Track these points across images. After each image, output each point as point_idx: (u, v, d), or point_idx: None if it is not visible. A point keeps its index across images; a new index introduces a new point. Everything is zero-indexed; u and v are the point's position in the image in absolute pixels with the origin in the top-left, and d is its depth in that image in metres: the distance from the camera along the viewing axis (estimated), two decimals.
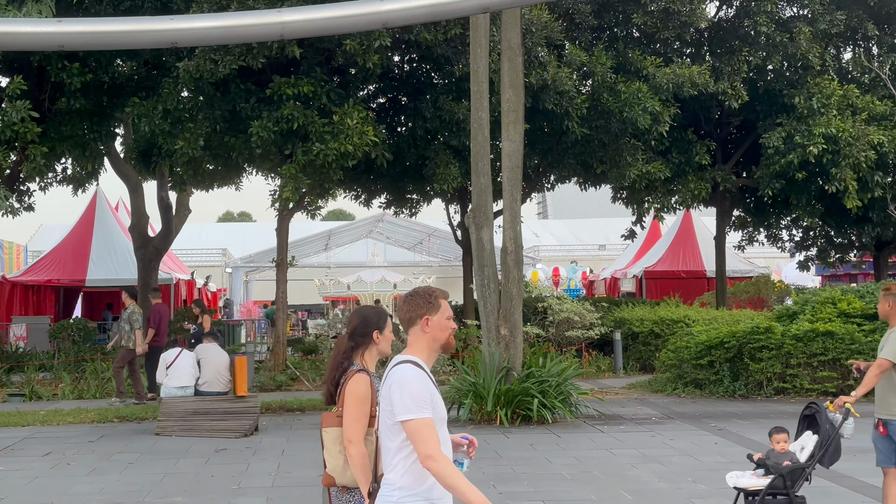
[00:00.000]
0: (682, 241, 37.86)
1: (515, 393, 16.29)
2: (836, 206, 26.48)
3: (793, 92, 24.92)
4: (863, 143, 23.96)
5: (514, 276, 17.21)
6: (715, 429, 15.45)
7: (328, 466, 5.54)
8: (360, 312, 5.76)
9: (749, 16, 24.77)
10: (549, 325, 24.59)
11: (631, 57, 23.73)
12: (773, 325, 19.44)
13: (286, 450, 14.21)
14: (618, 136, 23.78)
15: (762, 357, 19.22)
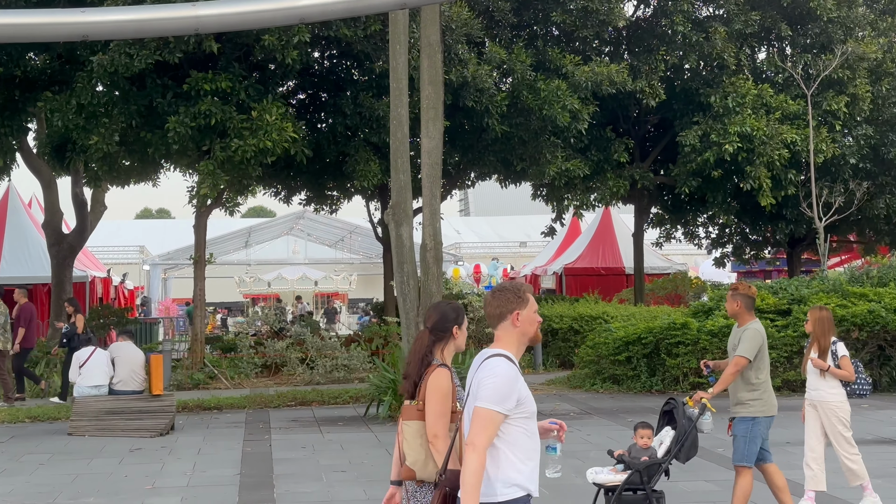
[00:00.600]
0: (601, 238, 38.21)
1: None
2: (751, 204, 26.92)
3: (709, 91, 25.29)
4: (776, 142, 24.40)
5: (433, 273, 17.20)
6: (632, 424, 15.58)
7: (408, 460, 5.50)
8: (439, 308, 5.77)
9: (666, 15, 25.07)
10: (471, 321, 24.62)
11: (550, 55, 23.86)
12: (689, 321, 19.70)
13: (202, 449, 14.05)
14: (537, 134, 23.91)
15: (678, 352, 19.47)
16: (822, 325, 9.99)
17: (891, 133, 26.80)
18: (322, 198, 28.65)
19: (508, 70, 23.31)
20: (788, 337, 19.10)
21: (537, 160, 24.57)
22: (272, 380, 22.67)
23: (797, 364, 19.20)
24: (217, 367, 22.60)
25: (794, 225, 27.90)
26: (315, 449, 13.90)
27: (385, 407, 16.58)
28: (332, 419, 16.90)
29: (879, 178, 27.33)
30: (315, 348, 22.99)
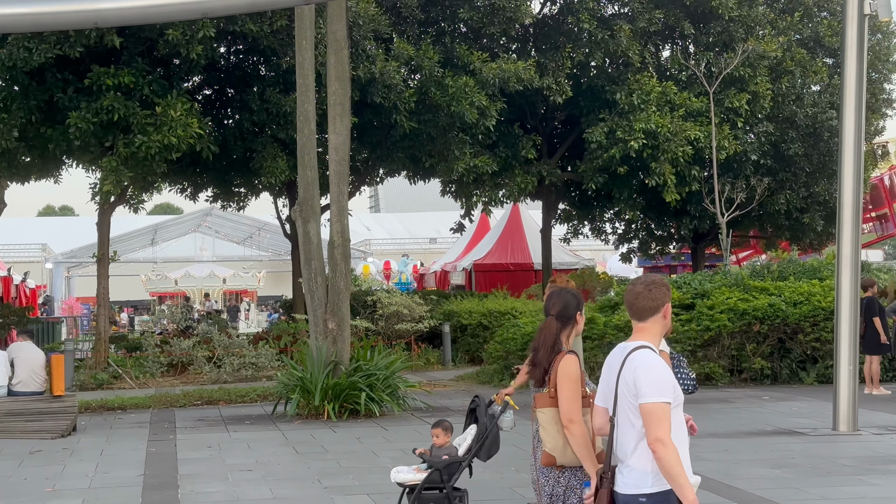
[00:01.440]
0: (510, 234, 38.41)
1: (343, 387, 16.24)
2: (656, 200, 27.29)
3: (614, 88, 25.57)
4: (680, 139, 24.77)
5: (341, 270, 17.15)
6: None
7: (548, 447, 5.59)
8: (561, 296, 5.90)
9: (572, 13, 25.28)
10: (379, 318, 24.61)
11: (458, 52, 23.91)
12: (596, 316, 19.91)
13: (105, 450, 13.81)
14: (445, 130, 23.96)
15: (585, 347, 19.60)
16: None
17: (791, 130, 27.38)
18: (229, 194, 28.35)
19: (416, 66, 23.31)
20: (692, 331, 19.41)
21: (445, 156, 24.62)
22: (178, 379, 22.38)
23: (701, 358, 19.55)
24: (121, 367, 22.24)
25: (698, 220, 28.34)
26: (221, 448, 13.76)
27: (293, 405, 16.47)
28: (239, 418, 16.74)
29: (780, 174, 27.90)
30: (222, 346, 22.76)
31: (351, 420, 15.97)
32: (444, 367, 23.97)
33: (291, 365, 17.54)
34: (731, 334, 19.53)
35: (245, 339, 23.75)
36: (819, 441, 13.47)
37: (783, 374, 19.76)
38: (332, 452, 13.12)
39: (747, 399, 17.68)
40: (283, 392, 16.96)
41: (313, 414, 16.20)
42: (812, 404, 16.75)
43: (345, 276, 17.21)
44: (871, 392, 18.08)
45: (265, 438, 14.60)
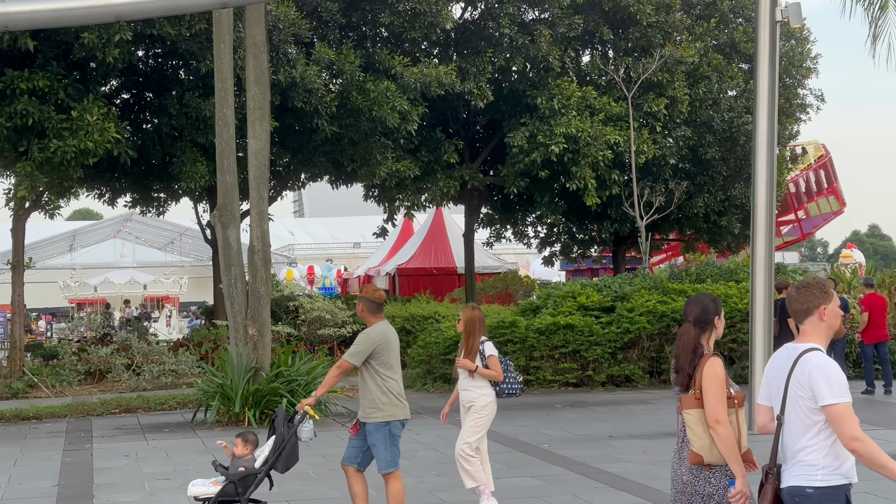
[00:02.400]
0: (433, 238, 38.48)
1: (264, 393, 16.13)
2: (578, 204, 27.53)
3: (535, 93, 25.75)
4: (601, 143, 25.02)
5: (261, 276, 17.03)
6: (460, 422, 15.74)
7: (695, 446, 5.70)
8: (700, 301, 5.96)
9: (493, 18, 25.40)
10: (301, 323, 24.48)
11: (380, 56, 23.89)
12: (518, 320, 20.03)
13: (19, 460, 13.55)
14: (368, 135, 23.92)
15: (507, 350, 19.76)
16: (473, 326, 9.90)
17: (708, 134, 27.79)
18: (148, 200, 27.97)
19: (338, 71, 23.23)
20: (612, 333, 19.62)
21: (368, 161, 24.58)
22: (96, 387, 22.03)
23: (621, 360, 19.76)
24: (37, 376, 21.83)
25: (618, 224, 28.64)
26: (139, 457, 13.58)
27: (213, 412, 16.32)
28: (158, 426, 16.53)
29: (698, 177, 28.31)
30: (141, 353, 22.45)
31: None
32: None
33: (211, 371, 17.38)
34: (650, 336, 19.77)
35: (165, 346, 23.46)
36: None
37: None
38: None
39: (666, 400, 17.90)
40: (203, 399, 16.80)
41: (234, 421, 16.07)
42: None
43: (265, 282, 17.10)
44: None
45: (184, 446, 14.44)
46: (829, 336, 5.39)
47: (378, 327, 8.77)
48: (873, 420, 15.41)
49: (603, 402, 17.77)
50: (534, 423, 15.54)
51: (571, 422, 15.59)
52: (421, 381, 20.55)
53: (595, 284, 21.84)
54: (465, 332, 9.93)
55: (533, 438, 14.03)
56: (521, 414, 16.52)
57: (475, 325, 9.91)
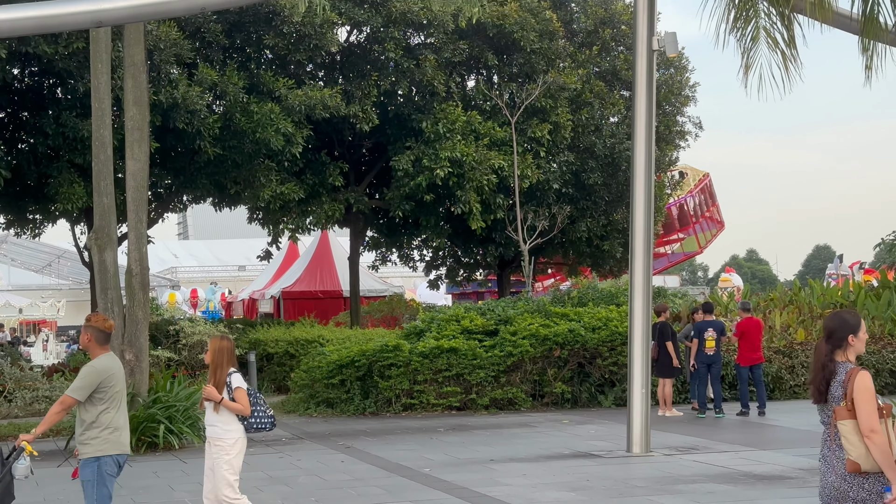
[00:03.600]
0: (319, 261, 38.25)
1: (141, 419, 15.76)
2: (463, 227, 27.69)
3: (420, 117, 25.85)
4: (485, 168, 25.24)
5: (139, 299, 16.69)
6: (343, 447, 15.65)
7: (852, 455, 6.02)
8: (837, 317, 6.27)
9: (378, 42, 25.44)
10: (182, 347, 24.05)
11: (264, 78, 23.71)
12: (402, 343, 19.98)
13: None
14: (251, 157, 23.70)
15: (391, 374, 19.71)
16: (220, 356, 9.27)
17: (590, 160, 28.23)
18: (23, 221, 27.20)
19: (221, 92, 22.98)
20: (496, 356, 19.71)
21: (252, 183, 24.36)
22: None
23: (504, 383, 19.85)
24: None
25: (503, 248, 28.86)
26: None
27: None
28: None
29: (581, 202, 28.72)
30: (14, 379, 21.75)
31: (149, 454, 15.51)
32: None
33: None
34: (533, 359, 19.91)
35: (39, 372, 22.79)
36: (613, 463, 13.85)
37: (583, 398, 20.27)
38: (126, 488, 12.69)
39: (548, 423, 18.04)
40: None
41: None
42: (609, 427, 17.22)
43: (143, 306, 16.76)
44: (664, 414, 18.73)
45: (56, 474, 13.98)
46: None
47: (103, 360, 8.27)
48: (748, 441, 15.76)
49: (485, 426, 17.82)
50: (416, 447, 15.50)
51: (453, 445, 15.59)
52: (303, 406, 20.35)
53: (479, 308, 21.93)
54: (213, 363, 9.25)
55: (414, 463, 13.98)
56: (403, 438, 16.47)
57: (223, 355, 9.25)
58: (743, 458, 14.02)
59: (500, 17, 26.08)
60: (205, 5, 13.04)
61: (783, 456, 14.09)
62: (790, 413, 19.04)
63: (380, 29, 25.18)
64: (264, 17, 23.88)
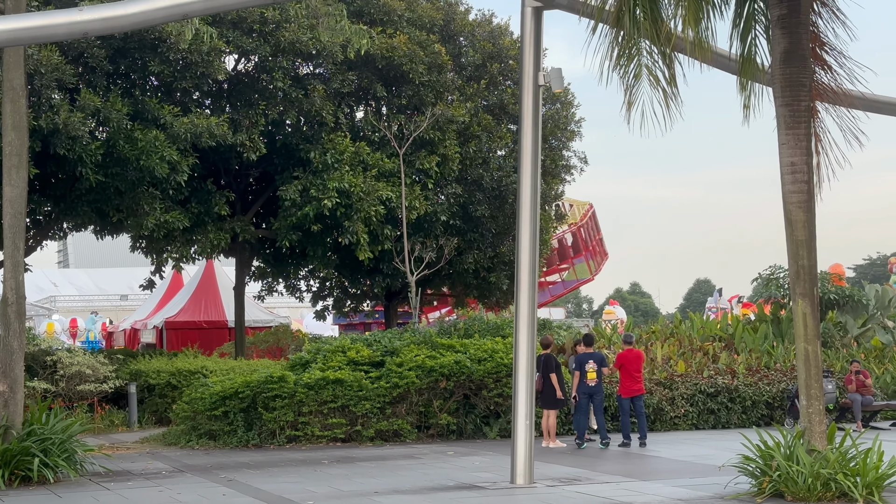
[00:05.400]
0: (204, 290, 37.76)
1: (14, 453, 15.27)
2: (350, 258, 27.61)
3: (309, 147, 25.78)
4: (373, 198, 25.27)
5: (15, 329, 16.19)
6: (225, 480, 15.41)
7: None
8: None
9: (266, 71, 25.33)
10: (60, 379, 23.41)
11: (149, 105, 23.38)
12: (287, 374, 19.80)
13: None
14: (135, 185, 23.32)
15: (275, 406, 19.50)
16: None
17: (478, 192, 28.47)
18: None
19: (104, 118, 22.57)
20: (382, 388, 19.65)
21: (135, 211, 23.94)
22: None
23: (390, 415, 19.80)
24: None
25: (390, 279, 28.85)
26: None
27: None
28: None
29: (468, 234, 28.92)
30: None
31: (22, 488, 15.03)
32: (129, 429, 23.08)
33: None
34: (419, 391, 19.91)
35: None
36: (497, 495, 13.90)
37: (468, 430, 20.32)
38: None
39: (433, 455, 18.03)
40: None
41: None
42: (493, 458, 17.29)
43: (19, 336, 16.27)
44: (548, 445, 18.88)
45: None
46: None
47: None
48: (629, 472, 15.98)
49: (371, 458, 17.74)
50: (299, 479, 15.33)
51: (338, 478, 15.47)
52: (185, 438, 19.97)
53: (365, 339, 21.86)
54: None
55: (298, 496, 13.83)
56: (287, 470, 16.29)
57: None
58: (624, 488, 14.21)
59: (389, 49, 26.22)
60: (87, 30, 12.87)
61: (663, 486, 14.33)
62: (671, 444, 19.39)
63: (268, 58, 25.05)
64: (150, 43, 23.57)
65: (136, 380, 24.36)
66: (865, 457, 12.90)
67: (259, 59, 25.75)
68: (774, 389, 22.61)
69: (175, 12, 13.15)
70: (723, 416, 22.14)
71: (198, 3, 13.04)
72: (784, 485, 12.80)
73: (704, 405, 22.06)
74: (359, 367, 20.17)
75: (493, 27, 29.82)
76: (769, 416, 22.45)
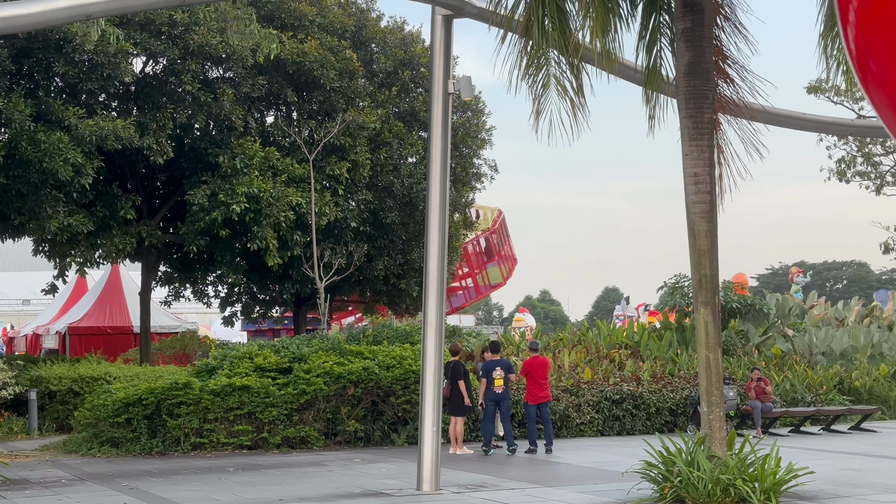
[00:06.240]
0: (109, 296, 37.06)
1: None
2: (259, 264, 27.40)
3: (217, 151, 25.51)
4: (283, 204, 25.10)
5: None
6: (127, 488, 15.16)
7: None
8: None
9: (175, 74, 25.01)
10: None
11: (52, 106, 22.93)
12: (192, 381, 19.56)
13: None
14: (38, 187, 22.85)
15: (180, 413, 19.25)
16: None
17: (388, 199, 28.47)
18: None
19: (6, 120, 22.08)
20: (289, 394, 19.52)
21: (37, 214, 23.45)
22: None
23: (297, 422, 19.67)
24: None
25: (299, 285, 28.69)
26: None
27: None
28: None
29: (378, 241, 28.90)
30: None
31: None
32: (29, 437, 22.57)
33: None
34: (326, 397, 19.82)
35: None
36: (403, 502, 13.90)
37: (376, 436, 20.29)
38: None
39: (340, 462, 17.97)
40: None
41: None
42: (401, 465, 17.29)
43: None
44: (455, 452, 18.93)
45: None
46: None
47: None
48: (535, 478, 16.11)
49: (277, 465, 17.61)
50: (204, 487, 15.15)
51: (243, 485, 15.32)
52: (86, 446, 19.59)
53: (273, 345, 21.69)
54: None
55: None
56: (191, 478, 16.09)
57: None
58: (529, 495, 14.32)
59: (300, 54, 26.09)
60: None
61: (568, 493, 14.47)
62: (576, 450, 19.59)
63: (177, 61, 24.75)
64: (55, 43, 23.12)
65: (36, 386, 23.84)
66: (764, 463, 13.17)
67: (167, 62, 25.41)
68: (678, 396, 22.97)
69: (78, 12, 12.94)
70: (627, 423, 22.43)
71: (102, 3, 12.86)
72: (685, 490, 13.01)
73: (610, 412, 22.33)
74: (266, 373, 20.01)
75: (404, 34, 29.87)
76: (673, 422, 22.79)
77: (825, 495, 13.78)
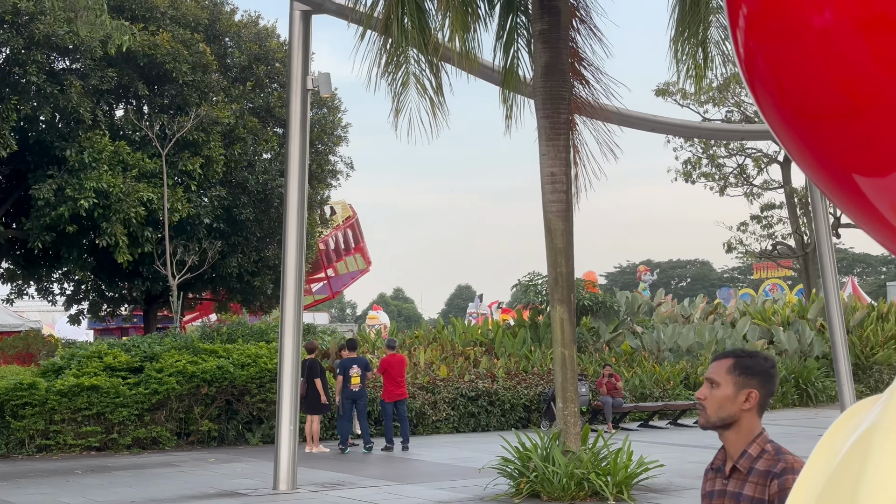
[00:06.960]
0: None
1: None
2: (108, 261, 26.71)
3: (64, 144, 24.77)
4: (133, 200, 24.52)
5: None
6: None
7: None
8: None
9: (19, 64, 24.17)
10: None
11: None
12: (38, 381, 18.95)
13: None
14: None
15: (25, 414, 18.64)
16: None
17: (243, 195, 28.09)
18: None
19: None
20: (140, 394, 19.10)
21: None
22: None
23: (148, 422, 19.25)
24: None
25: (150, 282, 28.06)
26: None
27: None
28: None
29: (232, 238, 28.48)
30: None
31: None
32: None
33: None
34: (179, 397, 19.45)
35: None
36: (259, 501, 13.74)
37: (230, 436, 20.01)
38: None
39: (193, 462, 17.65)
40: None
41: None
42: (256, 465, 17.09)
43: None
44: (311, 450, 18.81)
45: None
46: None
47: None
48: (392, 476, 16.12)
49: (127, 466, 17.20)
50: (51, 490, 14.69)
51: (92, 488, 14.91)
52: None
53: (123, 344, 21.17)
54: None
55: None
56: (37, 481, 15.58)
57: None
58: (386, 492, 14.33)
59: (151, 46, 25.52)
60: None
61: (425, 489, 14.53)
62: (433, 447, 19.69)
63: (21, 51, 23.91)
64: None
65: None
66: (616, 457, 13.47)
67: (11, 52, 24.51)
68: (532, 392, 23.30)
69: None
70: (483, 420, 22.65)
71: None
72: (540, 485, 13.21)
73: (465, 409, 22.52)
74: (116, 372, 19.52)
75: (259, 29, 29.52)
76: (527, 418, 23.11)
77: (674, 487, 14.17)
